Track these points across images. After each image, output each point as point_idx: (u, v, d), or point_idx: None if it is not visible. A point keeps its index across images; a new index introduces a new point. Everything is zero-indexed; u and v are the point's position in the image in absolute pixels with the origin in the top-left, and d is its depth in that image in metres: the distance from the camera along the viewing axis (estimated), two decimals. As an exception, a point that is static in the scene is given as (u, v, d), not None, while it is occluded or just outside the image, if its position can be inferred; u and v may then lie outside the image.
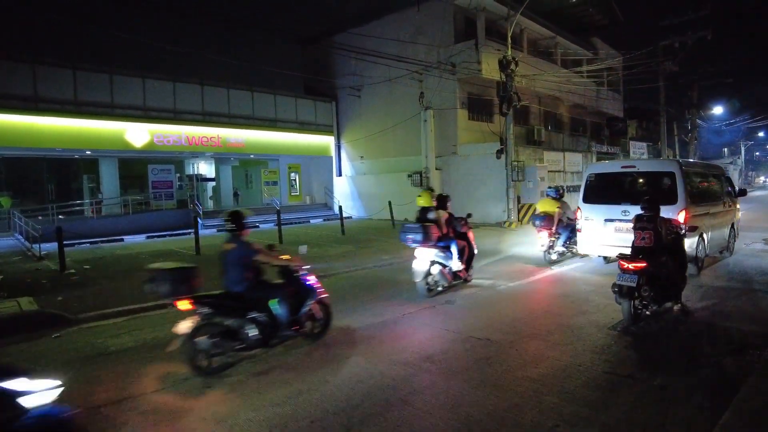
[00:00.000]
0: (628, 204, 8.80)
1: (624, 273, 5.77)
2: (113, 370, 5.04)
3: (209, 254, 12.99)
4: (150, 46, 31.32)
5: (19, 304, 7.34)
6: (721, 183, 10.79)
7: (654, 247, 5.98)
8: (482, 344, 5.45)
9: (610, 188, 9.44)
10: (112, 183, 22.19)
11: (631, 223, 6.50)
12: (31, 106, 16.89)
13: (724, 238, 10.49)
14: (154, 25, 43.09)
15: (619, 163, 12.35)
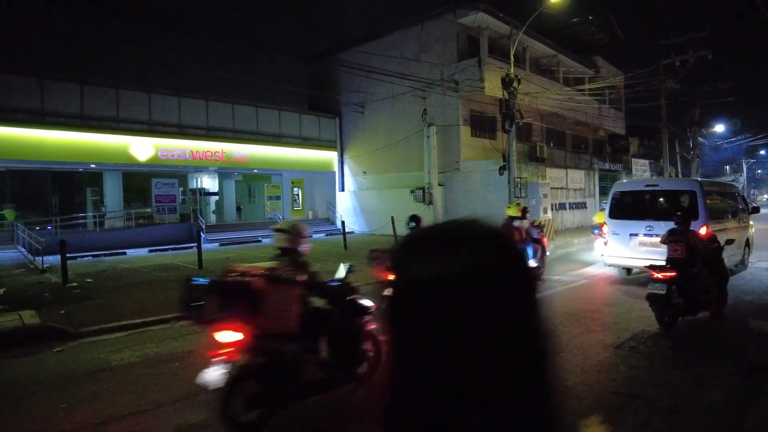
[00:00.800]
0: (652, 220, 9.34)
1: (655, 282, 6.23)
2: (115, 386, 4.99)
3: (212, 269, 12.97)
4: (156, 62, 31.69)
5: (21, 317, 7.30)
6: (736, 201, 11.36)
7: (685, 259, 6.41)
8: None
9: (634, 205, 10.12)
10: (116, 196, 22.26)
11: (654, 237, 7.00)
12: (38, 119, 17.03)
13: (740, 253, 10.81)
14: (161, 42, 43.67)
15: (643, 181, 13.03)
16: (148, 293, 9.78)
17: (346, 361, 4.35)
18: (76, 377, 5.31)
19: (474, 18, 20.15)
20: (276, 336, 3.85)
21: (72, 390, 4.89)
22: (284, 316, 3.89)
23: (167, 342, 6.56)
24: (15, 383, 5.20)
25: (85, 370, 5.53)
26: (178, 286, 4.21)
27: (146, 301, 8.91)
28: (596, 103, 28.26)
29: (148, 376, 5.24)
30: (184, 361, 5.73)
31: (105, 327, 7.21)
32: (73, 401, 4.57)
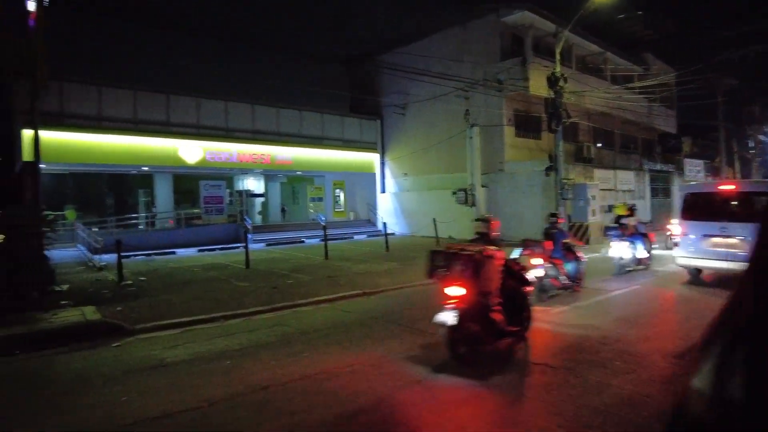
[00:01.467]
0: (727, 221, 9.39)
1: None
2: (169, 382, 5.15)
3: (258, 268, 13.27)
4: (204, 69, 32.74)
5: (84, 313, 7.67)
6: None
7: None
8: (540, 370, 5.26)
9: (707, 206, 10.13)
10: (166, 198, 23.13)
11: (729, 238, 6.83)
12: (96, 125, 17.88)
13: None
14: (209, 50, 45.07)
15: (716, 183, 12.92)
16: (198, 292, 10.09)
17: (520, 318, 5.92)
18: (133, 372, 5.52)
19: (518, 17, 19.80)
20: (485, 293, 5.41)
21: (131, 384, 5.08)
22: (492, 280, 5.48)
23: (217, 340, 6.73)
24: (80, 375, 5.46)
25: (142, 366, 5.74)
26: (426, 255, 5.80)
27: (196, 300, 9.19)
28: (646, 101, 27.17)
29: (200, 374, 5.38)
30: (234, 359, 5.86)
31: (158, 324, 7.47)
32: (133, 395, 4.74)
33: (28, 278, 8.24)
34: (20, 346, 6.44)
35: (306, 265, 13.88)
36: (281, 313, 8.38)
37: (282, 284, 10.79)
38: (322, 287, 10.32)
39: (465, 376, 5.05)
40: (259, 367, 5.54)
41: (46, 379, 5.45)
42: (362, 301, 9.31)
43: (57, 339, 6.72)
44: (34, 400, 4.75)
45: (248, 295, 9.66)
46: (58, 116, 16.72)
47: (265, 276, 12.02)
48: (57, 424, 4.11)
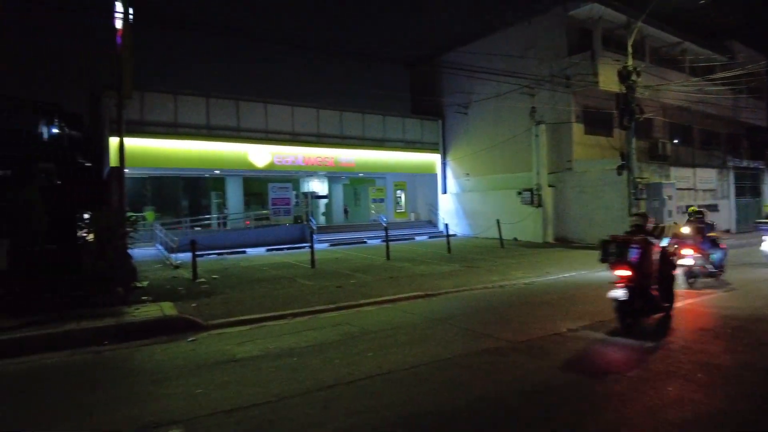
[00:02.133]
0: None
1: None
2: (241, 377, 5.37)
3: (322, 268, 13.58)
4: (271, 75, 33.95)
5: (162, 308, 8.18)
6: None
7: None
8: (613, 379, 5.01)
9: None
10: (237, 199, 24.24)
11: None
12: (172, 131, 19.03)
13: None
14: (275, 56, 46.77)
15: None
16: (267, 290, 10.48)
17: (669, 296, 7.34)
18: (207, 366, 5.81)
19: (586, 10, 18.98)
20: (647, 275, 6.68)
21: (205, 378, 5.35)
22: (652, 264, 6.78)
23: (285, 337, 6.95)
24: (158, 367, 5.82)
25: (215, 360, 6.03)
26: (601, 245, 6.89)
27: (265, 298, 9.55)
28: (731, 93, 25.18)
29: (270, 369, 5.58)
30: (302, 357, 6.02)
31: (230, 321, 7.83)
32: (207, 388, 4.99)
33: (115, 275, 8.89)
34: (108, 337, 6.97)
35: (368, 266, 14.04)
36: (345, 312, 8.52)
37: (345, 284, 10.98)
38: (384, 288, 10.40)
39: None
40: (326, 365, 5.66)
41: (130, 369, 5.86)
42: (424, 302, 9.28)
43: (139, 332, 7.21)
44: (118, 389, 5.12)
45: (314, 294, 9.91)
46: (140, 124, 17.94)
47: (330, 276, 12.28)
48: (137, 413, 4.40)
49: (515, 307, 8.74)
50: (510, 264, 13.76)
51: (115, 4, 11.08)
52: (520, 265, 13.59)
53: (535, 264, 13.73)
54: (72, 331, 6.92)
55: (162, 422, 4.15)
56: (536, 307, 8.66)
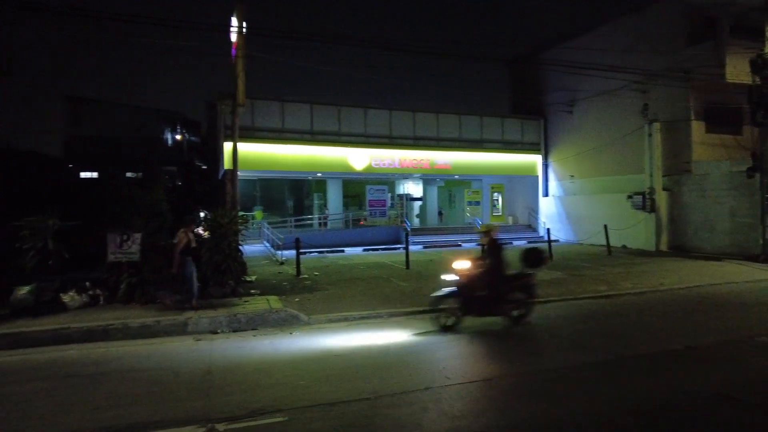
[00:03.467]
0: None
1: None
2: (340, 371, 5.55)
3: (417, 269, 13.64)
4: (370, 80, 34.88)
5: (269, 302, 8.73)
6: None
7: None
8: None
9: None
10: (337, 201, 25.22)
11: None
12: (279, 136, 20.23)
13: None
14: (373, 61, 47.94)
15: None
16: (364, 288, 10.75)
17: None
18: (308, 359, 6.09)
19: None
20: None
21: (306, 370, 5.61)
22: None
23: (382, 334, 7.07)
24: (265, 357, 6.21)
25: (316, 354, 6.30)
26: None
27: (362, 296, 9.81)
28: None
29: (376, 366, 5.70)
30: (396, 356, 6.09)
31: (330, 317, 8.14)
32: (309, 380, 5.23)
33: (228, 269, 9.64)
34: (221, 326, 7.57)
35: (464, 269, 13.86)
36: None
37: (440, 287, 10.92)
38: (481, 292, 10.20)
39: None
40: (424, 366, 5.67)
41: (240, 358, 6.30)
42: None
43: (248, 323, 7.75)
44: (230, 375, 5.52)
45: (409, 295, 9.99)
46: (251, 130, 19.27)
47: (425, 277, 12.29)
48: (247, 399, 4.71)
49: (625, 317, 8.15)
50: (618, 273, 12.83)
51: (231, 19, 12.05)
52: (630, 274, 12.61)
53: (647, 273, 12.67)
54: (190, 319, 7.62)
55: (267, 410, 4.41)
56: (647, 318, 7.99)
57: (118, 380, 5.38)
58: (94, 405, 4.61)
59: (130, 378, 5.45)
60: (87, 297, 8.70)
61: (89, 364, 6.03)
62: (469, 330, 7.31)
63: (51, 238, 8.58)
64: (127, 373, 5.64)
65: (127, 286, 8.86)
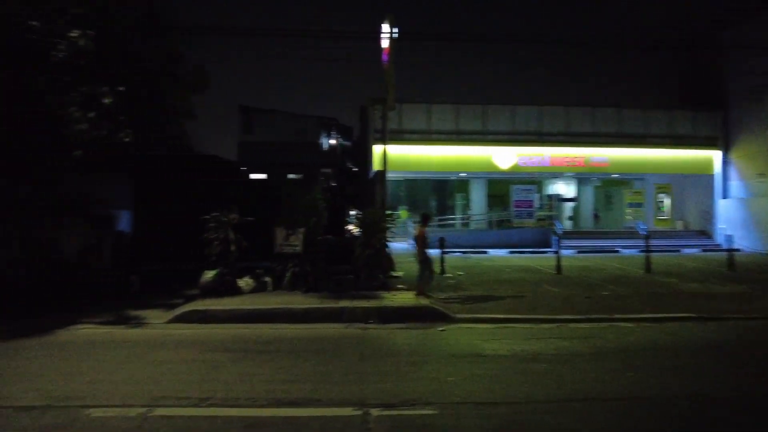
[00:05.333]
0: None
1: None
2: (488, 372, 5.46)
3: (569, 275, 12.85)
4: (517, 76, 33.76)
5: (416, 297, 8.94)
6: None
7: None
8: None
9: None
10: (480, 201, 24.86)
11: None
12: (425, 137, 20.65)
13: None
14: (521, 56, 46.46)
15: None
16: (510, 291, 10.45)
17: None
18: (457, 357, 6.09)
19: None
20: None
21: (455, 368, 5.61)
22: None
23: (531, 342, 6.79)
24: (414, 351, 6.36)
25: (464, 353, 6.28)
26: None
27: (508, 299, 9.56)
28: None
29: (516, 371, 5.51)
30: (550, 364, 5.79)
31: (476, 317, 8.06)
32: (458, 378, 5.22)
33: (378, 264, 10.11)
34: (372, 317, 7.96)
35: (622, 277, 12.68)
36: (597, 325, 7.86)
37: (596, 295, 10.15)
38: (644, 304, 9.23)
39: None
40: (575, 376, 5.31)
41: (390, 348, 6.55)
42: (694, 326, 7.87)
43: (396, 316, 8.03)
44: (383, 364, 5.76)
45: (560, 301, 9.46)
46: (398, 132, 19.94)
47: (577, 284, 11.53)
48: (399, 388, 4.87)
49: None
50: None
51: (382, 26, 12.57)
52: None
53: None
54: (346, 308, 8.15)
55: (418, 401, 4.51)
56: None
57: (284, 359, 5.96)
58: (266, 378, 5.17)
59: (293, 357, 6.00)
60: (258, 283, 9.82)
61: (261, 342, 6.79)
62: (630, 345, 6.67)
63: (231, 231, 9.84)
64: (291, 353, 6.22)
65: (291, 275, 9.81)
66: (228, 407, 4.36)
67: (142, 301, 9.24)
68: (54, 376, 5.29)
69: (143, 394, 4.66)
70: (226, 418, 4.11)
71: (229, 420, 4.08)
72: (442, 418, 4.17)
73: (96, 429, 3.92)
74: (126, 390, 4.79)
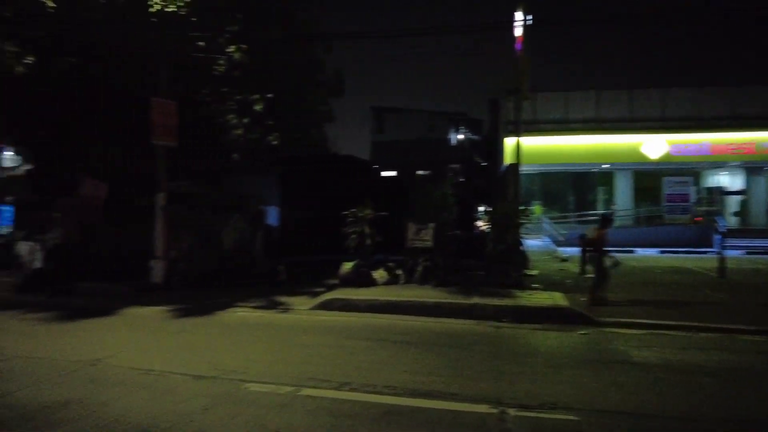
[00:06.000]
0: None
1: None
2: (634, 381, 4.98)
3: (736, 279, 11.24)
4: (670, 57, 30.30)
5: (553, 298, 8.50)
6: None
7: None
8: None
9: None
10: (626, 195, 22.70)
11: None
12: (562, 127, 19.49)
13: None
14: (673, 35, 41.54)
15: None
16: (662, 295, 9.50)
17: None
18: (600, 362, 5.65)
19: None
20: None
21: (599, 374, 5.21)
22: None
23: (690, 352, 6.05)
24: (552, 353, 6.06)
25: (609, 359, 5.81)
26: None
27: (660, 304, 8.64)
28: None
29: (671, 383, 4.95)
30: (714, 378, 5.11)
31: (622, 321, 7.41)
32: (602, 384, 4.85)
33: (511, 261, 9.81)
34: (505, 315, 7.74)
35: (809, 283, 10.73)
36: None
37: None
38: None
39: None
40: (746, 395, 4.63)
41: (525, 349, 6.32)
42: None
43: (531, 316, 7.70)
44: (517, 364, 5.57)
45: (726, 308, 8.31)
46: (532, 123, 19.09)
47: (748, 290, 10.03)
48: (536, 390, 4.67)
49: None
50: None
51: (515, 14, 12.11)
52: None
53: None
54: (477, 304, 8.04)
55: (557, 405, 4.28)
56: None
57: (419, 351, 6.06)
58: (404, 368, 5.31)
59: (427, 350, 6.08)
60: (390, 275, 10.14)
61: (395, 332, 7.00)
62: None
63: (367, 225, 10.29)
64: (425, 345, 6.31)
65: (422, 269, 9.97)
66: (367, 393, 4.57)
67: (288, 289, 10.10)
68: (218, 351, 6.03)
69: (292, 374, 5.09)
70: (365, 403, 4.31)
71: (368, 405, 4.28)
72: (585, 426, 3.91)
73: (253, 401, 4.37)
74: (277, 369, 5.27)
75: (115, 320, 7.92)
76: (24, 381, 4.90)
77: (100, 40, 9.76)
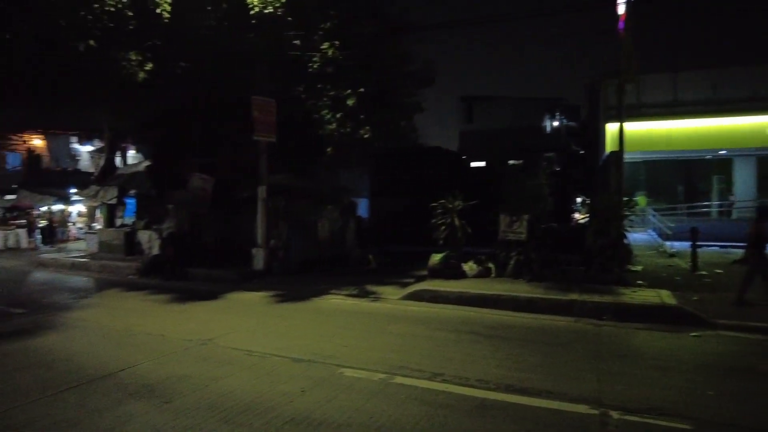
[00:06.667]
0: None
1: None
2: (761, 393, 4.48)
3: None
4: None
5: (660, 296, 7.86)
6: None
7: None
8: None
9: None
10: (747, 184, 20.32)
11: None
12: (670, 111, 17.85)
13: None
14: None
15: None
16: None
17: None
18: (717, 368, 5.17)
19: None
20: None
21: (716, 381, 4.76)
22: None
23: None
24: (659, 355, 5.60)
25: (726, 365, 5.29)
26: None
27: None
28: None
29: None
30: None
31: (743, 324, 6.67)
32: (719, 392, 4.42)
33: (614, 255, 9.21)
34: (606, 313, 7.30)
35: None
36: None
37: None
38: None
39: None
40: None
41: (629, 349, 5.92)
42: None
43: (635, 314, 7.18)
44: (619, 364, 5.22)
45: None
46: (636, 107, 17.68)
47: None
48: (642, 394, 4.35)
49: None
50: None
51: (618, -9, 11.24)
52: None
53: None
54: (575, 301, 7.66)
55: (666, 411, 3.98)
56: None
57: (512, 346, 5.91)
58: (495, 363, 5.23)
59: (521, 346, 5.92)
60: (481, 268, 9.95)
61: (486, 326, 6.89)
62: None
63: (456, 216, 10.19)
64: (519, 341, 6.15)
65: (515, 263, 9.67)
66: (459, 385, 4.56)
67: (378, 278, 10.33)
68: (314, 336, 6.33)
69: (384, 361, 5.20)
70: (458, 396, 4.30)
71: (461, 398, 4.26)
72: (700, 436, 3.60)
73: (348, 386, 4.54)
74: (370, 356, 5.42)
75: (222, 304, 8.59)
76: (148, 355, 5.49)
77: (208, 45, 10.52)
